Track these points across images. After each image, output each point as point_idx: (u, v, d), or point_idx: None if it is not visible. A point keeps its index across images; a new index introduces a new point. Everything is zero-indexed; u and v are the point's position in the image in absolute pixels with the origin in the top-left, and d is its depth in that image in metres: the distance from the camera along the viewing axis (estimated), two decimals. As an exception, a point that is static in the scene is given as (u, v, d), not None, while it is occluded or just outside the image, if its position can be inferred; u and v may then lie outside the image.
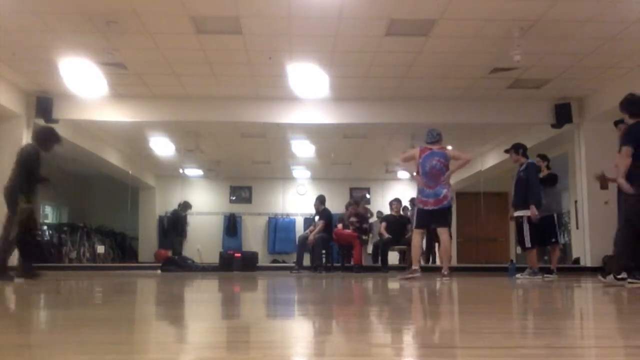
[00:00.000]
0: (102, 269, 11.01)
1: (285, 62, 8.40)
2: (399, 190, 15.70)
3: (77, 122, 10.75)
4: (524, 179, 7.30)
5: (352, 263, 10.14)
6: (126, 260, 14.46)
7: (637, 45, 7.67)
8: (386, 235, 10.19)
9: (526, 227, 7.20)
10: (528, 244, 7.23)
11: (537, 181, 7.35)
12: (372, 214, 12.53)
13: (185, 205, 14.07)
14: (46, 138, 6.59)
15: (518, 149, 7.52)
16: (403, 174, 16.50)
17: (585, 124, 10.00)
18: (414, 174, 7.10)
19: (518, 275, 7.49)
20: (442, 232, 6.90)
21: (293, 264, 10.30)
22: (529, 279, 7.07)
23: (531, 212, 7.11)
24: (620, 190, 6.25)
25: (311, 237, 9.94)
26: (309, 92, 9.71)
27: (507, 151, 7.74)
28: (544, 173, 7.80)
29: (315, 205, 10.40)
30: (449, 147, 7.58)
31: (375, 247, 11.14)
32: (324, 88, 9.44)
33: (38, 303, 3.83)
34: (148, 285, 6.23)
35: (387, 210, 11.74)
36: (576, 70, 8.69)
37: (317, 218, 10.38)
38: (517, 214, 7.37)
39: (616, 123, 6.67)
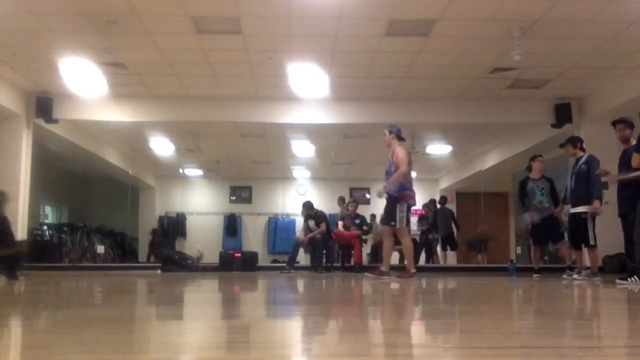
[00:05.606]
0: (102, 269, 11.00)
1: (285, 62, 8.39)
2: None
3: (77, 122, 10.76)
4: (585, 171, 6.88)
5: (352, 263, 10.13)
6: (126, 260, 14.47)
7: (637, 45, 7.67)
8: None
9: (590, 224, 6.81)
10: (592, 241, 6.82)
11: (598, 175, 6.80)
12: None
13: None
14: None
15: (575, 142, 7.27)
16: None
17: (585, 124, 9.98)
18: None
19: (575, 276, 7.02)
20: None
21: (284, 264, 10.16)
22: (588, 279, 6.70)
23: (594, 207, 6.78)
24: (621, 194, 6.28)
25: (306, 237, 9.82)
26: (309, 92, 9.70)
27: (562, 145, 7.43)
28: None
29: (303, 213, 10.26)
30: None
31: (374, 247, 11.09)
32: (324, 88, 9.43)
33: (38, 303, 3.82)
34: (148, 285, 6.23)
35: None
36: (576, 70, 8.68)
37: (312, 223, 10.19)
38: (578, 210, 6.94)
39: (614, 123, 6.67)
